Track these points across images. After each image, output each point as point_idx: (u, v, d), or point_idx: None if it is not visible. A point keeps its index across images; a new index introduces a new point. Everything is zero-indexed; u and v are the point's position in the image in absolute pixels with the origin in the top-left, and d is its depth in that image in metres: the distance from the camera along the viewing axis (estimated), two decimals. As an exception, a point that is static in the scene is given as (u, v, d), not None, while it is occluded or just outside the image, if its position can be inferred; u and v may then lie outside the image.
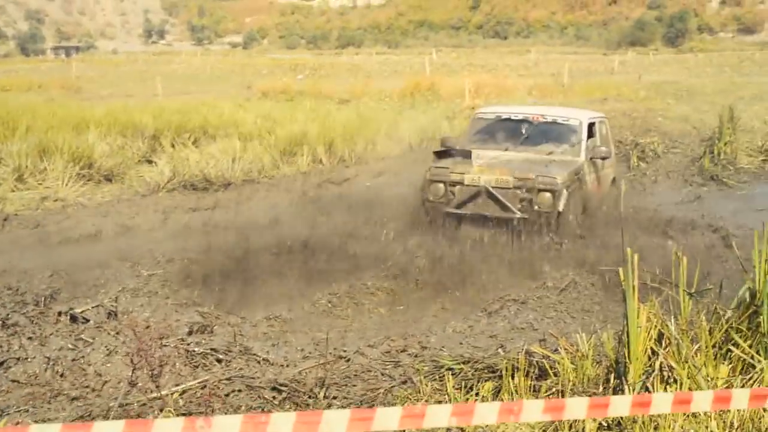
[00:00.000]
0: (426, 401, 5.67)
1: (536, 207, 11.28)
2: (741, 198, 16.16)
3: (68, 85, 45.75)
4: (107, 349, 6.76)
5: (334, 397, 5.99)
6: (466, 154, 12.06)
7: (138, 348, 5.62)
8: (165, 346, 6.49)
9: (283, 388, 6.04)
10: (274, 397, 5.95)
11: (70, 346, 6.93)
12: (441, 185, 11.82)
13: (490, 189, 11.43)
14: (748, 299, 5.89)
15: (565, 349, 6.00)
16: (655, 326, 5.62)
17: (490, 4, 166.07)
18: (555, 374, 5.85)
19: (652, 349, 5.56)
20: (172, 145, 20.79)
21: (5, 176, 16.53)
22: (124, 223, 13.48)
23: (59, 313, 7.84)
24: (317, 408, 5.74)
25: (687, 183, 17.39)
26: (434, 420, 3.50)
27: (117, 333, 7.20)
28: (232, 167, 17.83)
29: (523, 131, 12.95)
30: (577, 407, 3.86)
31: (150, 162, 19.37)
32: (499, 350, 6.88)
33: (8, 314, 7.84)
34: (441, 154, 12.44)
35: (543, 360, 6.05)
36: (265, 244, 10.88)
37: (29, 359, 6.58)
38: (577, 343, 6.02)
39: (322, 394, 5.96)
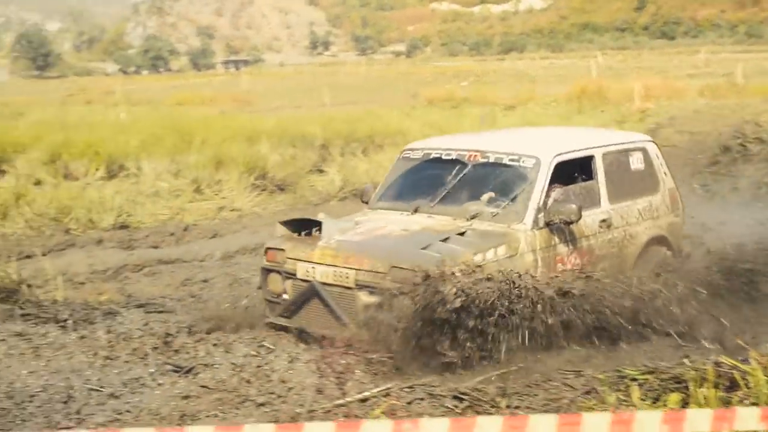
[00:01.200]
0: (613, 412, 5.54)
1: (389, 319, 6.88)
2: None
3: (239, 98, 47.06)
4: (289, 357, 6.89)
5: (516, 407, 5.93)
6: (317, 226, 8.01)
7: (323, 355, 5.71)
8: (347, 354, 6.57)
9: (464, 397, 6.02)
10: (455, 406, 5.94)
11: (253, 352, 7.10)
12: (278, 277, 7.90)
13: (318, 289, 7.47)
14: None
15: (756, 359, 5.77)
16: None
17: (656, 4, 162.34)
18: (747, 386, 5.62)
19: None
20: (341, 155, 21.11)
21: (184, 187, 17.12)
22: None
23: (241, 320, 8.07)
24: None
25: None
26: (644, 427, 3.40)
27: (297, 340, 7.36)
28: (401, 175, 17.94)
29: (453, 178, 8.42)
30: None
31: (320, 171, 19.74)
32: (685, 360, 6.67)
33: (193, 321, 8.11)
34: (297, 226, 8.29)
35: (732, 371, 5.83)
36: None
37: (216, 365, 6.78)
38: (769, 353, 5.78)
39: (504, 404, 5.91)
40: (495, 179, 8.28)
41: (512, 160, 8.25)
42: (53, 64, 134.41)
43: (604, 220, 8.48)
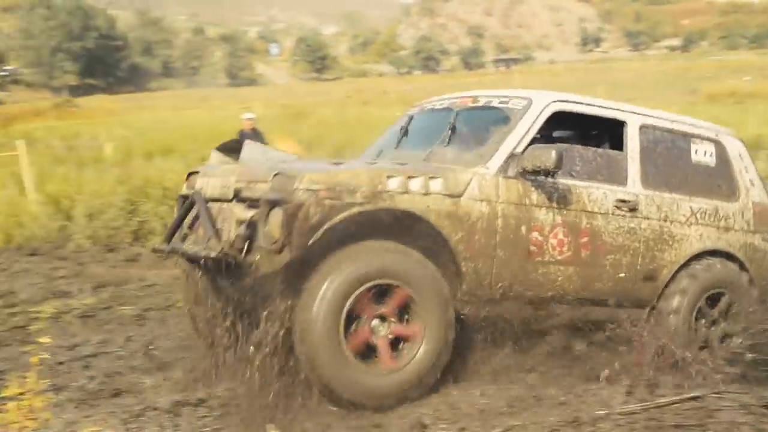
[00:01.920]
0: None
1: (262, 239, 5.38)
2: None
3: (512, 96, 47.06)
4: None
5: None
6: (234, 148, 6.60)
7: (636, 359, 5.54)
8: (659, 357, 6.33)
9: (775, 406, 5.67)
10: (764, 414, 5.59)
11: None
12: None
13: (196, 200, 6.01)
14: None
15: None
16: None
17: None
18: None
19: None
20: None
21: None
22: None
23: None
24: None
25: None
26: None
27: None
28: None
29: (434, 126, 6.91)
30: None
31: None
32: None
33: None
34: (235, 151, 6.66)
35: None
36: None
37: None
38: None
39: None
40: (481, 122, 6.66)
41: (502, 102, 6.57)
42: (330, 66, 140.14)
43: (623, 201, 6.52)
